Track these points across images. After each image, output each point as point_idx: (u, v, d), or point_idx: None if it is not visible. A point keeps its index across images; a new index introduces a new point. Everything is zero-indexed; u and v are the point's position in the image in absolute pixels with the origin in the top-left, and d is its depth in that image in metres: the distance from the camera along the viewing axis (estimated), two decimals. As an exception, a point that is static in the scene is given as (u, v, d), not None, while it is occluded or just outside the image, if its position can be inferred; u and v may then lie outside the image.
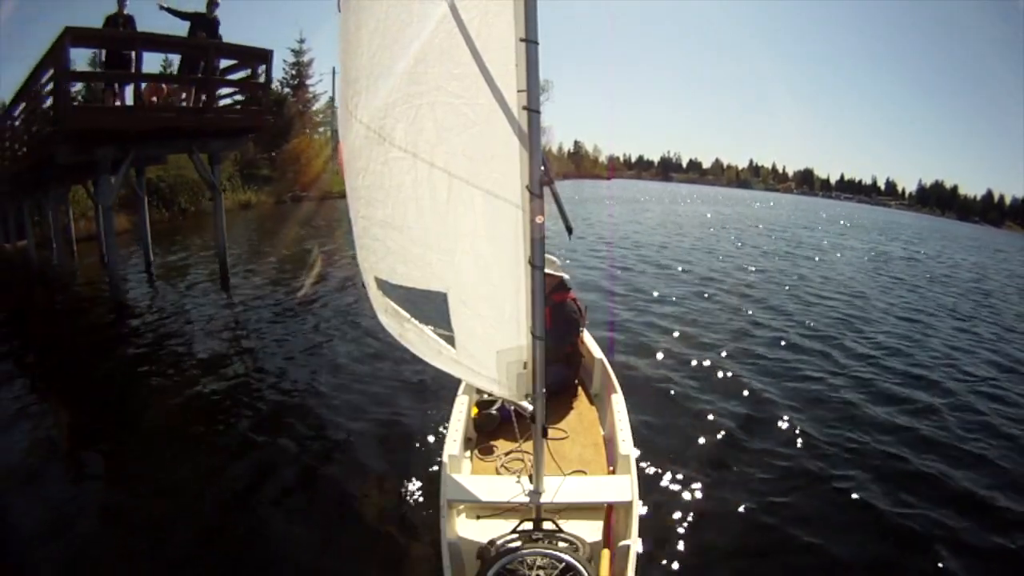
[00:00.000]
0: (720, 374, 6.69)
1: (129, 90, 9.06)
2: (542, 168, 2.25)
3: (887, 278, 16.42)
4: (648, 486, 4.10)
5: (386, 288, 2.90)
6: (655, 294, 10.96)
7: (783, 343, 8.28)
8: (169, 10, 8.81)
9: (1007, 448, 5.45)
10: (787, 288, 12.82)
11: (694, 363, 6.99)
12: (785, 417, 5.59)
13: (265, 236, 17.78)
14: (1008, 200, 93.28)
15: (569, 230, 2.71)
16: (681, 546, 3.63)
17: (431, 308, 2.83)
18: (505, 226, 2.33)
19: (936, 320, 11.22)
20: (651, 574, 3.37)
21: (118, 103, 9.01)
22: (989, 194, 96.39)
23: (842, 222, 40.64)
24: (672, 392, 6.00)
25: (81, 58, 17.91)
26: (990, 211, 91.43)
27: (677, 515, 3.90)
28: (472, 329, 2.63)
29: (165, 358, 7.12)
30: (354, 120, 2.46)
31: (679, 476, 4.38)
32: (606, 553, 2.74)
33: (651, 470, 4.36)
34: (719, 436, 5.10)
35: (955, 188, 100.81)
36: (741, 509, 4.07)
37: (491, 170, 2.28)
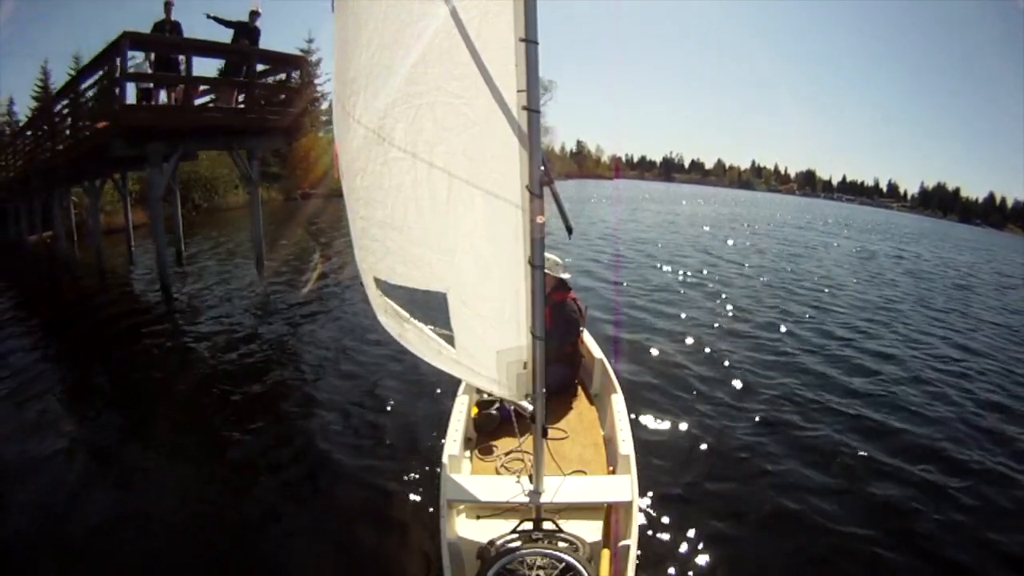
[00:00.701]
0: (719, 372, 6.68)
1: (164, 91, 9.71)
2: (542, 168, 2.25)
3: (872, 273, 17.01)
4: (648, 486, 4.08)
5: (385, 288, 2.90)
6: (653, 292, 10.99)
7: (777, 339, 8.35)
8: (216, 19, 9.39)
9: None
10: (777, 283, 13.22)
11: (694, 362, 6.98)
12: (783, 415, 5.61)
13: (280, 230, 18.01)
14: (1010, 203, 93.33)
15: (569, 230, 2.72)
16: (681, 546, 3.62)
17: (431, 308, 2.83)
18: (505, 226, 2.33)
19: (908, 310, 11.90)
20: (651, 574, 3.36)
21: (159, 103, 9.61)
22: (991, 196, 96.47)
23: (837, 222, 41.41)
24: (672, 392, 5.98)
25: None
26: (992, 213, 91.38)
27: (677, 515, 3.89)
28: (472, 329, 2.63)
29: (201, 343, 7.63)
30: (352, 120, 2.46)
31: (679, 476, 4.38)
32: (606, 553, 2.74)
33: (651, 470, 4.33)
34: (719, 435, 5.09)
35: (957, 190, 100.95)
36: (742, 508, 4.06)
37: (491, 170, 2.28)
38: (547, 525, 2.70)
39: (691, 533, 3.72)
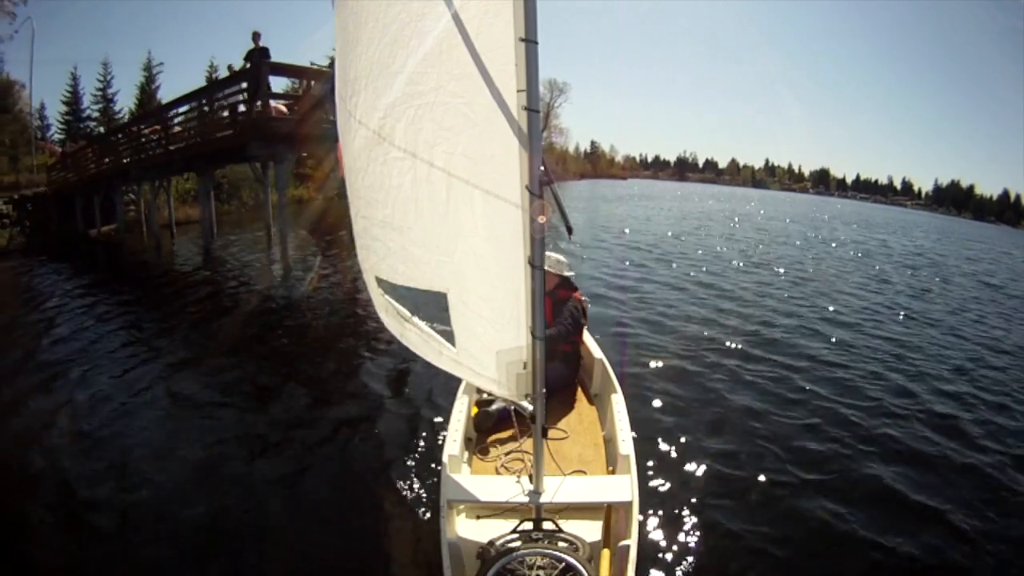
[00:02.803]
0: (719, 370, 6.65)
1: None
2: (542, 168, 2.24)
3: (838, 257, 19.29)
4: (648, 486, 4.09)
5: (387, 288, 2.90)
6: (652, 289, 11.11)
7: (774, 333, 8.41)
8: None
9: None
10: (770, 274, 14.27)
11: (692, 361, 6.96)
12: (782, 413, 5.61)
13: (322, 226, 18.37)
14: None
15: (569, 230, 2.70)
16: (681, 546, 3.62)
17: (432, 308, 2.84)
18: (505, 226, 2.32)
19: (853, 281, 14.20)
20: (651, 574, 3.36)
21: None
22: (1005, 193, 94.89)
23: (833, 217, 43.17)
24: (672, 391, 5.95)
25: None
26: (1006, 210, 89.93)
27: (677, 515, 3.88)
28: (472, 329, 2.63)
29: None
30: (354, 120, 2.46)
31: (679, 476, 4.36)
32: (606, 553, 2.74)
33: (651, 470, 4.34)
34: (720, 435, 5.08)
35: (971, 188, 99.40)
36: (742, 508, 4.05)
37: (491, 170, 2.27)
38: (547, 525, 2.70)
39: (691, 533, 3.72)
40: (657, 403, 5.62)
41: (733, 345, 7.70)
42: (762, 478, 4.45)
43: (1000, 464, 4.97)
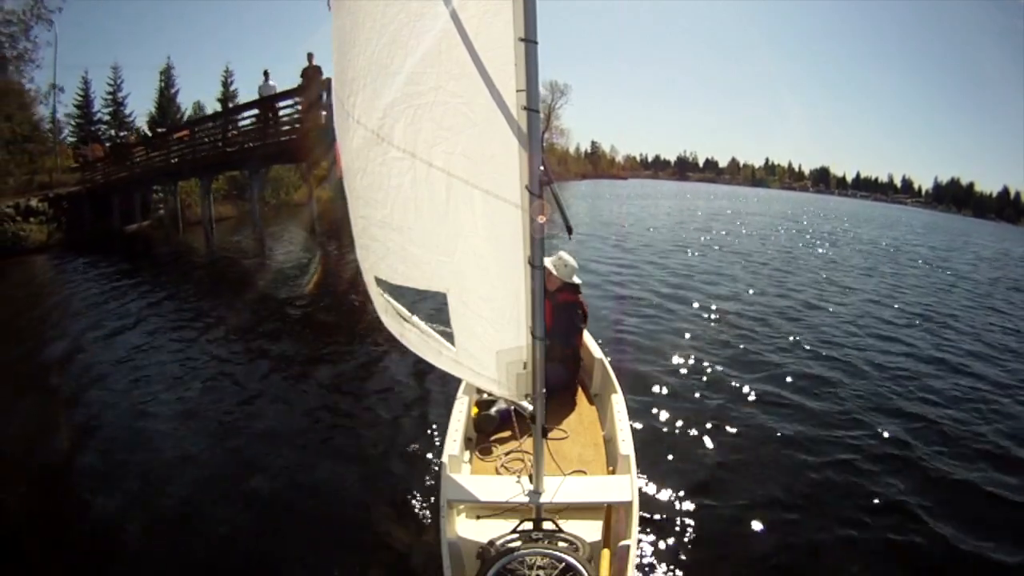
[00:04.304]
0: (719, 370, 6.64)
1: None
2: (542, 168, 2.24)
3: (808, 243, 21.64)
4: (648, 486, 4.10)
5: (386, 288, 2.90)
6: (652, 289, 11.09)
7: (770, 331, 8.43)
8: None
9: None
10: (759, 268, 14.96)
11: (692, 361, 6.94)
12: (781, 413, 5.62)
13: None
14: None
15: (569, 230, 2.69)
16: (681, 546, 3.61)
17: (431, 308, 2.84)
18: (505, 226, 2.32)
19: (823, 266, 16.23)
20: (651, 574, 3.36)
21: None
22: (1005, 191, 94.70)
23: (816, 214, 44.63)
24: (671, 391, 5.96)
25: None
26: (1006, 207, 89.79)
27: (677, 515, 3.88)
28: (472, 329, 2.62)
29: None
30: (352, 120, 2.45)
31: (679, 476, 4.35)
32: (606, 553, 2.74)
33: (651, 470, 4.33)
34: (719, 435, 5.07)
35: (971, 185, 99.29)
36: (741, 508, 4.04)
37: (490, 170, 2.26)
38: (547, 525, 2.70)
39: (691, 533, 3.72)
40: (657, 403, 5.61)
41: (732, 343, 7.71)
42: (763, 478, 4.45)
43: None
